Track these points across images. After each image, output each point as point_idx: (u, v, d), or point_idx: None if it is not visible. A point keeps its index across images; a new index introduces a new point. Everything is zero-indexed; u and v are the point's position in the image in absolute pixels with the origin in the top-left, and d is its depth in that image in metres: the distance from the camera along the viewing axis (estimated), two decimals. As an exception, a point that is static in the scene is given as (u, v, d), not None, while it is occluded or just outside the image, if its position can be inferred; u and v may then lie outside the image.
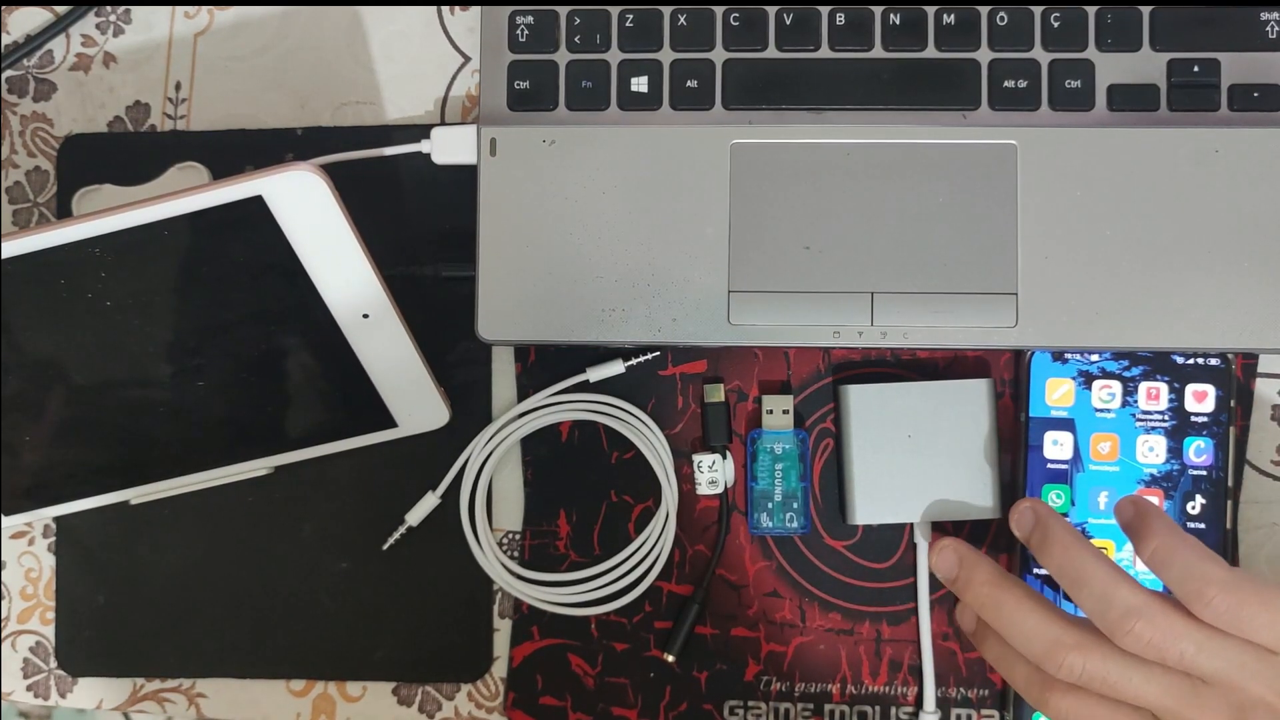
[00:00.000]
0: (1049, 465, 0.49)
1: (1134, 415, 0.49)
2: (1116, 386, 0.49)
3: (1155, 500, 0.48)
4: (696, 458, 0.51)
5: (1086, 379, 0.49)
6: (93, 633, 0.53)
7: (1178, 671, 0.41)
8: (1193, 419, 0.49)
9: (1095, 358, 0.49)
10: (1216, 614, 0.40)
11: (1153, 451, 0.49)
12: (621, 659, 0.51)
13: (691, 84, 0.49)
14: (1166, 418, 0.49)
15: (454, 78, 0.53)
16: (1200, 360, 0.48)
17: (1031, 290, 0.48)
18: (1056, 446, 0.49)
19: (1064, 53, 0.49)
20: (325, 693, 0.53)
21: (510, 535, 0.52)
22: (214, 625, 0.53)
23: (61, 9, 0.54)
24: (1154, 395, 0.49)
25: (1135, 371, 0.49)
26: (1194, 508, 0.48)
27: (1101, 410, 0.49)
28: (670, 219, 0.49)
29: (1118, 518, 0.44)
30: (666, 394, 0.52)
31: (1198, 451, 0.48)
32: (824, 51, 0.49)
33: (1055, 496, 0.49)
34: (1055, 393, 0.49)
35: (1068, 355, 0.49)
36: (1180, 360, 0.48)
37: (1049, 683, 0.43)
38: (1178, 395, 0.48)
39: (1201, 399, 0.48)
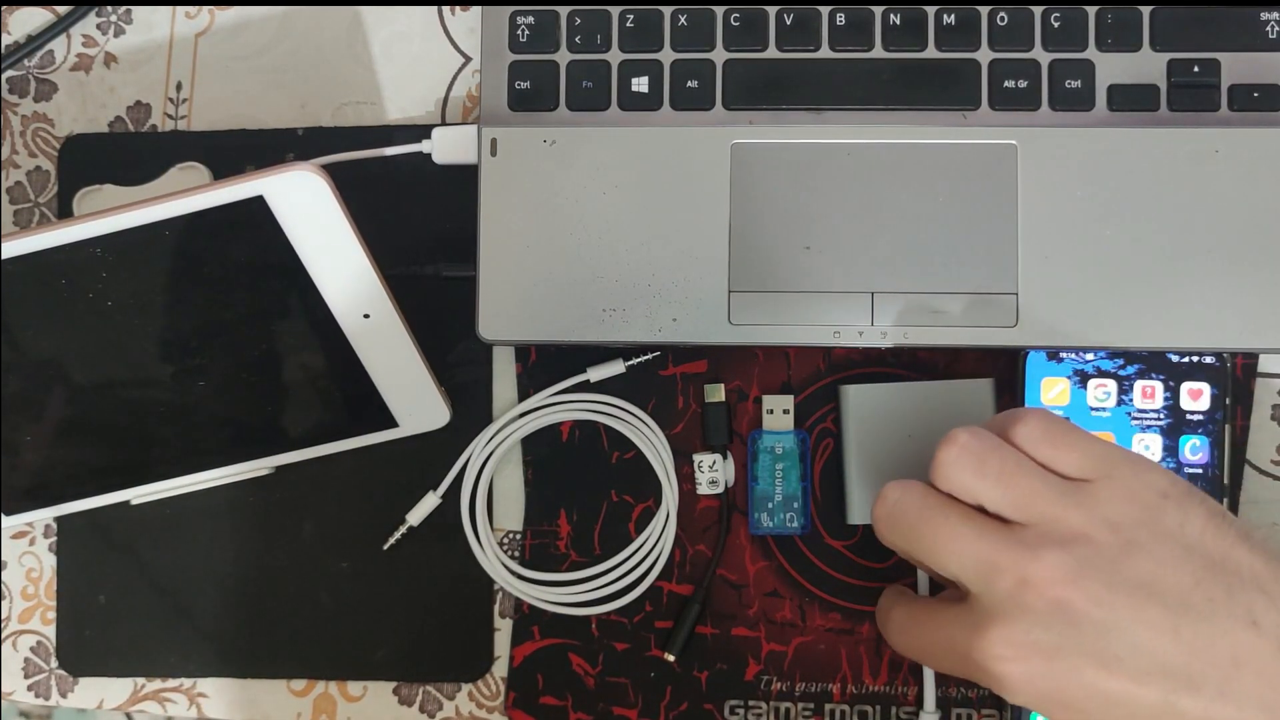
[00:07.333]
0: None
1: (1129, 414, 0.49)
2: (1112, 385, 0.49)
3: None
4: (697, 458, 0.51)
5: (1082, 378, 0.49)
6: (93, 632, 0.53)
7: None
8: (1188, 417, 0.48)
9: (1090, 356, 0.49)
10: (1027, 433, 0.41)
11: (1148, 450, 0.49)
12: (622, 659, 0.51)
13: (692, 84, 0.49)
14: (1161, 416, 0.49)
15: (454, 78, 0.53)
16: (1195, 358, 0.48)
17: (1031, 290, 0.48)
18: None
19: (1064, 53, 0.49)
20: (326, 692, 0.53)
21: (511, 535, 0.52)
22: (215, 625, 0.53)
23: (62, 9, 0.54)
24: (1149, 394, 0.48)
25: (1130, 370, 0.48)
26: None
27: (1097, 409, 0.49)
28: (670, 219, 0.49)
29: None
30: (667, 394, 0.52)
31: (1193, 450, 0.48)
32: (824, 52, 0.49)
33: None
34: (1050, 392, 0.49)
35: (1063, 354, 0.49)
36: (1175, 359, 0.48)
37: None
38: (1173, 394, 0.48)
39: (1197, 397, 0.48)
